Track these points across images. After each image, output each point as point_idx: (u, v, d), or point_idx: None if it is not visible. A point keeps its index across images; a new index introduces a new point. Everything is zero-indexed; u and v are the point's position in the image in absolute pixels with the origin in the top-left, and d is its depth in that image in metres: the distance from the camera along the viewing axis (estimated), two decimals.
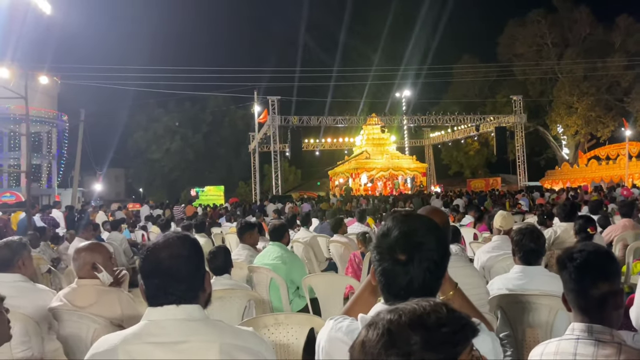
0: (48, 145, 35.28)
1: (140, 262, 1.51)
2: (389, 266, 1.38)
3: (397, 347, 0.94)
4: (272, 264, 4.39)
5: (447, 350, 0.96)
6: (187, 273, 1.51)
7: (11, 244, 3.08)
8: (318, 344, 1.60)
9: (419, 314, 0.98)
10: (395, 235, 1.41)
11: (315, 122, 29.68)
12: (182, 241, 1.54)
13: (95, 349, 1.49)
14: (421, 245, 1.38)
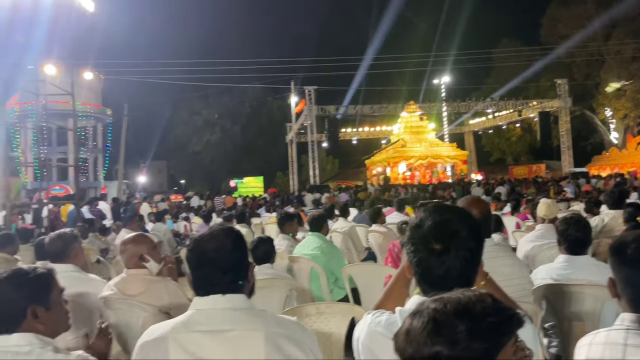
0: (94, 139, 36.46)
1: (187, 254, 1.57)
2: (424, 257, 1.39)
3: (443, 335, 0.95)
4: (312, 254, 4.44)
5: (493, 340, 0.96)
6: (232, 264, 1.55)
7: (64, 235, 3.23)
8: (356, 339, 1.61)
9: (464, 303, 0.98)
10: (429, 225, 1.41)
11: (353, 111, 29.57)
12: (226, 234, 1.59)
13: (146, 337, 1.56)
14: (456, 234, 1.38)
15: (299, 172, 35.80)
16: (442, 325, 0.96)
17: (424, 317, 0.99)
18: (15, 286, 1.63)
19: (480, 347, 0.95)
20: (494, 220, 4.84)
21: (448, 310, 0.98)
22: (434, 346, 0.95)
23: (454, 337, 0.94)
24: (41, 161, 25.95)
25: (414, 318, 1.02)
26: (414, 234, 1.44)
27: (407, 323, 1.03)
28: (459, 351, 0.94)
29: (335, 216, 7.70)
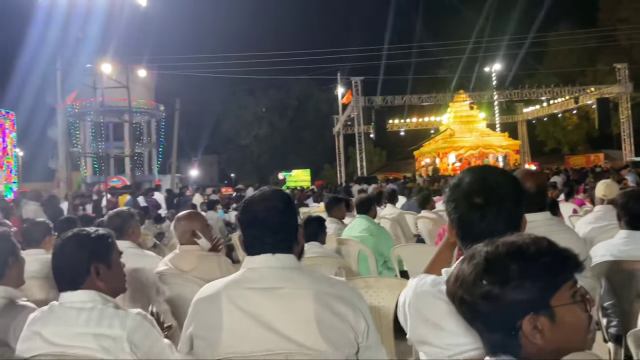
0: (148, 134, 37.76)
1: (239, 214, 1.61)
2: (465, 212, 1.40)
3: (494, 274, 0.93)
4: (360, 236, 4.44)
5: (547, 280, 0.94)
6: (281, 224, 1.58)
7: (121, 213, 3.37)
8: (402, 304, 1.60)
9: (518, 244, 0.97)
10: (468, 181, 1.42)
11: (400, 101, 29.19)
12: (276, 195, 1.62)
13: (200, 294, 1.62)
14: (496, 187, 1.38)
15: (346, 165, 35.76)
16: (493, 265, 0.95)
17: (476, 259, 0.98)
18: (78, 245, 1.73)
19: (532, 286, 0.93)
20: (549, 203, 4.68)
21: (500, 251, 0.96)
22: (484, 286, 0.93)
23: (505, 276, 0.93)
24: (99, 155, 27.13)
25: (464, 261, 1.00)
26: (453, 192, 1.45)
27: (457, 267, 1.02)
28: (510, 290, 0.92)
29: (383, 202, 7.65)
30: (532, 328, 0.93)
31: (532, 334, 0.93)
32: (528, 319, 0.93)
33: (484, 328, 0.98)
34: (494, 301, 0.93)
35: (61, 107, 17.08)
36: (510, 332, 0.94)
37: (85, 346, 1.61)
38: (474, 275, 0.94)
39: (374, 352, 1.59)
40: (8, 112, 21.50)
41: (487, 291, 0.92)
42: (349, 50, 39.16)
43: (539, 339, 0.93)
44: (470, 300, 0.95)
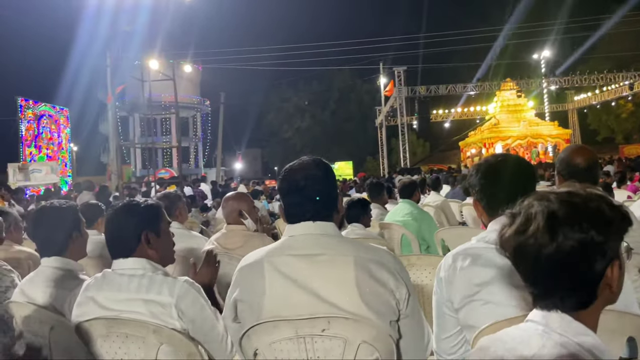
0: (194, 128, 38.69)
1: (279, 183, 1.63)
2: (487, 184, 1.61)
3: (595, 219, 0.92)
4: (403, 221, 4.41)
5: (624, 227, 0.93)
6: (321, 192, 1.59)
7: (169, 195, 3.49)
8: (442, 269, 1.61)
9: (596, 194, 0.95)
10: (492, 159, 1.68)
11: (444, 90, 28.63)
12: (316, 163, 1.64)
13: (244, 261, 1.66)
14: (510, 162, 1.63)
15: (389, 156, 35.45)
16: (588, 209, 0.93)
17: (563, 204, 0.94)
18: (129, 214, 1.81)
19: (619, 232, 0.93)
20: (603, 186, 4.52)
21: (581, 196, 0.95)
22: (588, 230, 0.91)
23: (606, 221, 0.92)
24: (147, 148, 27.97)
25: (545, 209, 0.96)
26: (478, 168, 1.65)
27: (539, 216, 0.95)
28: (609, 235, 0.92)
29: (427, 190, 7.56)
30: (616, 275, 0.93)
31: (616, 279, 0.94)
32: (616, 265, 0.93)
33: (565, 281, 0.94)
34: (593, 247, 0.91)
35: (111, 101, 17.69)
36: (595, 280, 0.93)
37: (136, 311, 1.69)
38: (573, 221, 0.92)
39: (415, 321, 1.59)
40: (62, 108, 22.45)
41: (591, 237, 0.90)
42: (392, 39, 38.71)
43: (616, 286, 0.94)
44: (569, 247, 0.91)
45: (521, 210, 0.99)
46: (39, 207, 2.28)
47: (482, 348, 1.00)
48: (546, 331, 0.92)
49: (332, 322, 1.46)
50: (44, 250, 2.16)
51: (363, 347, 1.46)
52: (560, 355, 0.87)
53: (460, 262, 1.52)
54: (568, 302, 0.94)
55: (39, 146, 19.84)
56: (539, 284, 0.97)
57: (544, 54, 34.52)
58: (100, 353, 1.71)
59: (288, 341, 1.49)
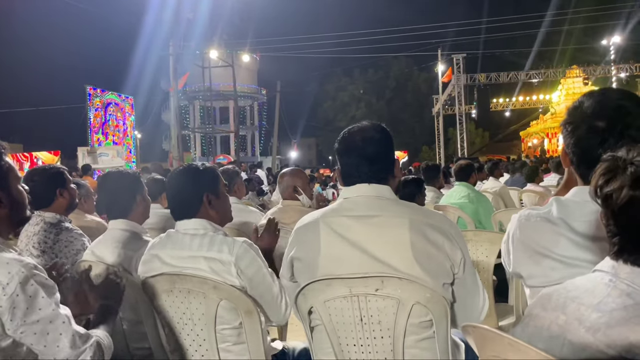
0: (251, 117, 39.44)
1: (337, 145, 1.66)
2: (583, 135, 1.29)
3: None
4: (459, 203, 4.34)
5: None
6: (378, 155, 1.61)
7: (228, 170, 3.59)
8: (506, 240, 1.57)
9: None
10: (590, 103, 1.30)
11: (505, 78, 27.69)
12: (374, 127, 1.65)
13: (301, 222, 1.70)
14: (621, 109, 1.25)
15: (446, 146, 34.77)
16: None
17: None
18: (191, 177, 1.89)
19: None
20: None
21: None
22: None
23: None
24: (207, 136, 28.81)
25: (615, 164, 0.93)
26: (572, 114, 1.35)
27: (630, 169, 0.92)
28: None
29: (484, 175, 7.38)
30: None
31: None
32: None
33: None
34: None
35: (173, 89, 18.31)
36: None
37: (197, 267, 1.77)
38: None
39: (469, 285, 1.57)
40: (127, 97, 23.43)
41: None
42: (450, 24, 37.71)
43: None
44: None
45: (619, 159, 0.95)
46: (104, 173, 2.43)
47: (544, 296, 0.99)
48: (613, 280, 0.90)
49: (386, 281, 1.47)
50: (110, 213, 2.30)
51: (416, 308, 1.47)
52: (625, 304, 0.85)
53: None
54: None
55: (105, 133, 20.83)
56: (619, 234, 0.94)
57: (613, 39, 32.57)
58: (165, 307, 1.80)
59: (342, 299, 1.52)
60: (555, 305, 0.94)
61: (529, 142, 31.35)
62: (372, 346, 1.52)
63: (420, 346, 1.51)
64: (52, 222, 2.53)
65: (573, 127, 1.33)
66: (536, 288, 1.45)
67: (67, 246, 2.48)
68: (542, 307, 0.97)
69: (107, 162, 16.05)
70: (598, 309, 0.86)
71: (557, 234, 1.32)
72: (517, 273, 1.55)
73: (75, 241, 2.57)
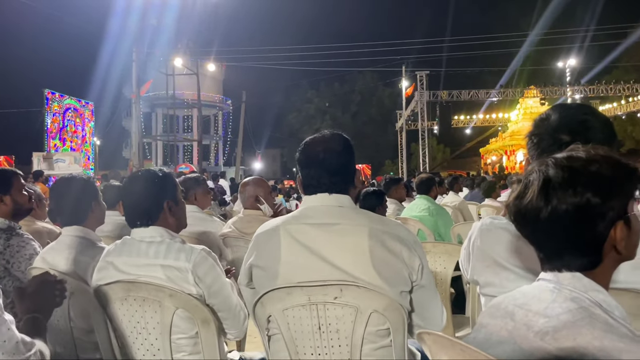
0: (215, 127, 39.10)
1: (298, 155, 1.66)
2: (548, 147, 1.33)
3: (591, 182, 0.91)
4: (420, 216, 4.40)
5: (631, 187, 0.93)
6: (338, 166, 1.61)
7: (187, 179, 3.53)
8: (466, 246, 1.64)
9: (599, 154, 0.95)
10: (557, 117, 1.36)
11: (466, 96, 28.45)
12: (336, 137, 1.66)
13: (261, 228, 1.69)
14: (585, 123, 1.32)
15: (408, 161, 35.28)
16: (587, 173, 0.92)
17: (558, 169, 0.95)
18: (151, 183, 1.84)
19: (622, 193, 0.93)
20: None
21: (588, 160, 0.94)
22: (583, 193, 0.90)
23: (602, 184, 0.91)
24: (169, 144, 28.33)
25: (542, 174, 0.96)
26: (539, 126, 1.40)
27: (535, 181, 0.96)
28: (608, 197, 0.91)
29: (444, 190, 7.54)
30: (620, 236, 0.93)
31: (620, 240, 0.93)
32: (620, 226, 0.92)
33: (568, 243, 0.94)
34: (591, 209, 0.91)
35: (136, 96, 17.97)
36: (599, 242, 0.93)
37: (153, 275, 1.72)
38: (568, 184, 0.91)
39: (427, 292, 1.60)
40: (88, 102, 22.85)
41: (587, 199, 0.90)
42: (414, 42, 38.65)
43: (623, 246, 0.93)
44: (565, 211, 0.91)
45: (524, 176, 1.00)
46: (58, 179, 2.35)
47: (493, 305, 1.02)
48: (557, 287, 0.93)
49: (345, 290, 1.47)
50: (63, 220, 2.23)
51: (374, 316, 1.48)
52: (570, 308, 0.88)
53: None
54: (574, 263, 0.94)
55: (63, 139, 20.23)
56: (543, 247, 0.99)
57: (569, 62, 34.05)
58: (118, 316, 1.75)
59: (301, 308, 1.51)
60: (504, 312, 0.97)
61: (488, 158, 32.25)
62: (330, 355, 1.52)
63: (377, 355, 1.51)
64: (1, 228, 2.43)
65: (539, 139, 1.38)
66: (490, 297, 1.48)
67: (18, 251, 2.39)
68: (491, 316, 1.00)
69: (63, 168, 15.56)
70: (545, 314, 0.89)
71: (516, 245, 1.36)
72: (475, 280, 1.59)
73: (27, 246, 2.48)
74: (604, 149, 0.96)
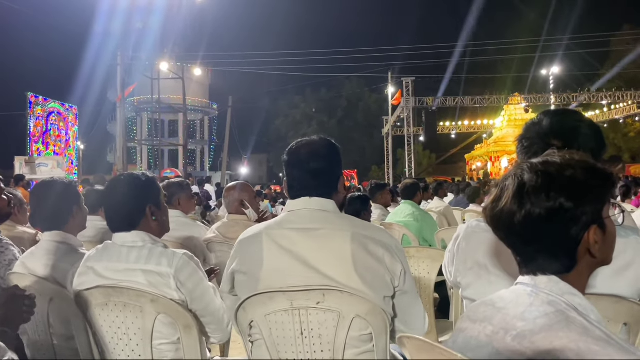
0: (201, 131, 38.92)
1: (284, 157, 1.66)
2: (539, 152, 1.31)
3: (565, 187, 0.92)
4: (405, 221, 4.42)
5: (605, 191, 0.95)
6: (323, 170, 1.61)
7: (171, 184, 3.50)
8: (450, 248, 1.65)
9: (574, 159, 0.96)
10: (549, 122, 1.37)
11: (452, 103, 28.67)
12: (322, 142, 1.66)
13: (244, 234, 1.68)
14: (577, 130, 1.34)
15: (395, 166, 35.47)
16: (560, 178, 0.93)
17: (533, 173, 0.96)
18: (133, 187, 1.83)
19: (595, 198, 0.94)
20: None
21: (562, 165, 0.95)
22: (556, 198, 0.92)
23: (575, 189, 0.92)
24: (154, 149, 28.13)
25: (518, 179, 0.98)
26: (530, 130, 1.42)
27: (511, 185, 0.98)
28: (580, 202, 0.92)
29: (429, 195, 7.58)
30: (594, 240, 0.94)
31: (594, 244, 0.94)
32: (593, 230, 0.93)
33: (543, 246, 0.96)
34: (564, 214, 0.92)
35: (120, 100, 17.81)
36: (572, 246, 0.94)
37: (134, 280, 1.71)
38: (541, 189, 0.93)
39: (410, 298, 1.60)
40: (72, 106, 22.58)
41: (560, 204, 0.91)
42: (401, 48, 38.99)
43: (597, 250, 0.94)
44: (538, 215, 0.92)
45: (500, 181, 1.02)
46: (38, 183, 2.31)
47: (472, 309, 1.02)
48: (534, 291, 0.94)
49: (327, 295, 1.47)
50: (44, 224, 2.19)
51: (357, 321, 1.48)
52: (547, 312, 0.89)
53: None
54: (549, 267, 0.96)
55: (46, 143, 19.95)
56: (519, 251, 1.00)
57: (552, 70, 34.56)
58: (99, 321, 1.73)
59: (283, 313, 1.51)
60: (483, 317, 0.98)
61: (473, 164, 32.52)
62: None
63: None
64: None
65: (530, 142, 1.39)
66: (471, 300, 1.50)
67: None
68: (471, 320, 1.01)
69: (46, 172, 15.35)
70: (523, 317, 0.90)
71: (500, 249, 1.37)
72: (457, 283, 1.60)
73: (7, 252, 2.44)
74: (580, 154, 0.97)
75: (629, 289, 1.35)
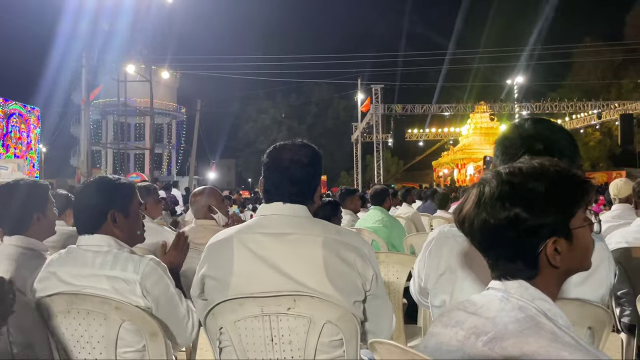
0: (168, 136, 38.34)
1: (264, 158, 1.64)
2: (519, 154, 1.33)
3: (522, 198, 0.93)
4: (373, 227, 4.44)
5: (570, 202, 0.95)
6: (301, 178, 1.60)
7: (137, 188, 3.42)
8: (423, 250, 1.66)
9: (540, 168, 0.97)
10: (531, 127, 1.41)
11: (420, 110, 29.05)
12: (305, 148, 1.64)
13: (214, 238, 1.66)
14: (558, 134, 1.38)
15: (364, 173, 35.69)
16: (519, 189, 0.94)
17: (496, 182, 0.97)
18: (98, 191, 1.78)
19: (557, 209, 0.94)
20: None
21: (525, 174, 0.96)
22: (511, 209, 0.92)
23: (532, 200, 0.93)
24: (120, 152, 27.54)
25: (481, 186, 1.00)
26: (513, 132, 1.44)
27: (474, 193, 1.01)
28: (537, 214, 0.92)
29: (397, 202, 7.65)
30: (553, 250, 0.94)
31: (553, 256, 0.95)
32: (552, 242, 0.94)
33: (502, 254, 0.97)
34: (519, 225, 0.93)
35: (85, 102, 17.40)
36: (531, 255, 0.95)
37: (98, 287, 1.66)
38: (499, 198, 0.94)
39: (380, 302, 1.60)
40: (34, 108, 21.93)
41: (515, 215, 0.92)
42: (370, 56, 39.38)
43: (558, 261, 0.95)
44: (494, 224, 0.94)
45: (471, 186, 1.03)
46: (2, 185, 2.23)
47: (444, 314, 1.03)
48: (505, 296, 0.95)
49: (298, 300, 1.46)
50: (5, 228, 2.11)
51: (327, 327, 1.47)
52: (517, 317, 0.90)
53: None
54: (513, 272, 0.97)
55: (6, 145, 19.31)
56: (484, 256, 1.02)
57: (517, 79, 35.49)
58: (61, 329, 1.67)
59: (253, 319, 1.49)
60: (455, 321, 0.99)
61: (440, 171, 33.04)
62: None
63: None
64: None
65: (511, 143, 1.41)
66: (438, 308, 1.51)
67: None
68: (443, 325, 1.01)
69: (6, 175, 14.82)
70: (494, 323, 0.91)
71: (472, 254, 1.39)
72: (425, 289, 1.61)
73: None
74: (552, 161, 0.99)
75: (593, 294, 1.38)
